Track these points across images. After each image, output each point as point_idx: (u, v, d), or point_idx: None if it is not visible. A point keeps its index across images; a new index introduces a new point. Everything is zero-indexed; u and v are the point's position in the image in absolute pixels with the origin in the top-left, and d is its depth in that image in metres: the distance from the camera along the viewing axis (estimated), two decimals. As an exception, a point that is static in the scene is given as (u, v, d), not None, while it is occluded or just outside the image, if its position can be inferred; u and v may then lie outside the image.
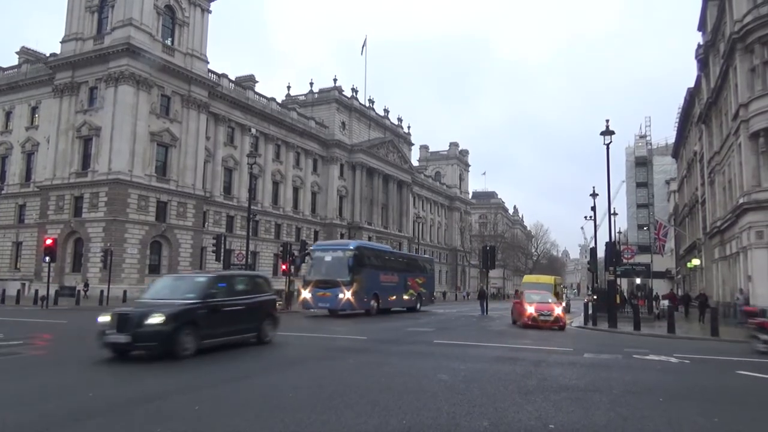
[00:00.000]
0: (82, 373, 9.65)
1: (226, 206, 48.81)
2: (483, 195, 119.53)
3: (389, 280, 28.87)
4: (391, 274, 29.36)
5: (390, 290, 28.82)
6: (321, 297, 25.00)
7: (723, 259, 31.27)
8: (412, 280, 31.84)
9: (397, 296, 29.70)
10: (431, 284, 36.76)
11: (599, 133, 24.70)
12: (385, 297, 28.01)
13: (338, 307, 24.66)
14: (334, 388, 7.94)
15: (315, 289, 25.25)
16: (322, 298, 24.97)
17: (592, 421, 6.32)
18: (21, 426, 5.84)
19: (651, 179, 74.41)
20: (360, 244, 29.08)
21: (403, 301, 30.79)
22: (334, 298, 24.58)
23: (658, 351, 13.77)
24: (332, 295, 24.59)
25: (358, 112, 69.15)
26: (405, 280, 30.91)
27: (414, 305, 31.88)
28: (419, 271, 34.07)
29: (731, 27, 26.79)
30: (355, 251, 25.46)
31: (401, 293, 30.29)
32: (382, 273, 28.10)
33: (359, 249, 26.40)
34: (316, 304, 25.23)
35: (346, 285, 24.42)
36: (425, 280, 34.32)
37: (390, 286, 28.89)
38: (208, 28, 46.27)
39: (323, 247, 27.98)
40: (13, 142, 46.63)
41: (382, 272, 28.12)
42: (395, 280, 29.65)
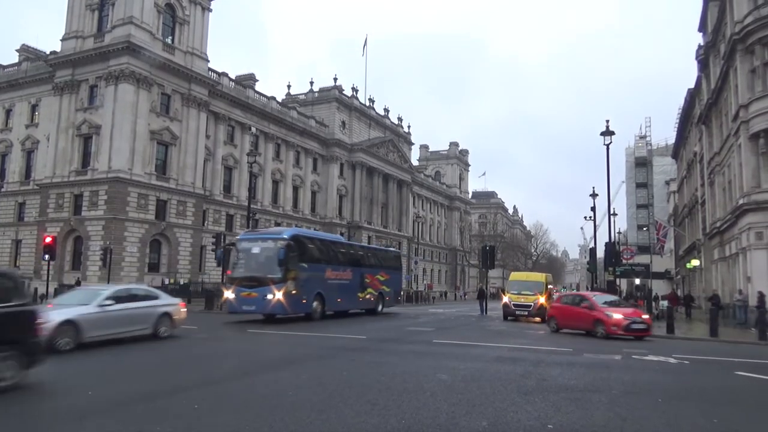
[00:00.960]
0: (82, 372, 9.66)
1: (226, 205, 48.80)
2: (483, 195, 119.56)
3: (339, 277, 23.98)
4: (342, 269, 24.42)
5: (339, 289, 23.87)
6: (246, 298, 19.92)
7: (722, 260, 31.29)
8: (371, 277, 26.91)
9: (349, 296, 24.88)
10: (398, 281, 31.53)
11: (599, 134, 24.74)
12: (333, 297, 23.07)
13: (266, 310, 20.04)
14: (334, 387, 7.95)
15: (239, 288, 20.10)
16: (247, 299, 19.89)
17: (591, 421, 6.33)
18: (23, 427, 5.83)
19: (651, 180, 74.46)
20: (297, 232, 23.57)
21: (359, 301, 26.01)
22: (261, 299, 19.58)
23: (657, 351, 13.78)
24: (259, 295, 19.60)
25: (359, 111, 69.15)
26: (361, 277, 25.93)
27: (374, 306, 27.24)
28: (381, 266, 28.96)
29: (732, 28, 26.80)
30: (289, 241, 20.35)
31: (355, 292, 25.44)
32: (328, 268, 23.23)
33: (295, 238, 21.18)
34: (240, 306, 20.23)
35: (276, 283, 19.40)
36: (389, 276, 29.15)
37: (339, 283, 23.97)
38: (208, 27, 46.24)
39: (250, 237, 22.15)
40: (13, 139, 46.60)
41: (328, 267, 23.28)
42: (347, 277, 24.71)
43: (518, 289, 27.66)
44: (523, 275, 33.24)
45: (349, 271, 24.94)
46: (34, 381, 7.90)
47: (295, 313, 20.74)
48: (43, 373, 8.10)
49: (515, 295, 27.16)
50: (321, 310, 22.03)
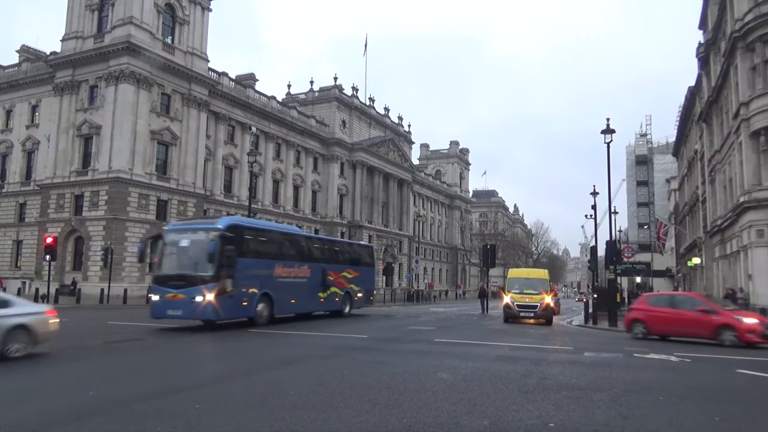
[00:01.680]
0: (82, 371, 9.66)
1: (227, 205, 48.79)
2: (483, 193, 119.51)
3: (292, 274, 20.52)
4: (297, 265, 20.91)
5: (293, 288, 20.44)
6: (171, 301, 16.39)
7: (723, 258, 31.28)
8: (335, 274, 23.57)
9: (306, 296, 21.45)
10: (369, 279, 27.79)
11: (600, 132, 24.70)
12: (284, 298, 19.66)
13: (195, 315, 16.59)
14: (334, 387, 7.94)
15: (163, 289, 16.68)
16: (173, 302, 16.37)
17: (592, 419, 6.32)
18: (22, 424, 5.84)
19: (651, 178, 74.48)
20: (234, 221, 19.23)
21: (319, 302, 22.53)
22: (189, 302, 16.14)
23: (659, 350, 13.78)
24: (187, 297, 16.16)
25: (359, 110, 69.11)
26: (323, 274, 22.51)
27: (339, 307, 23.93)
28: (349, 261, 25.71)
29: (732, 25, 26.77)
30: (224, 232, 16.74)
31: (315, 292, 22.02)
32: (278, 264, 19.67)
33: (233, 228, 17.46)
34: (164, 310, 16.64)
35: (207, 282, 16.02)
36: (359, 274, 25.75)
37: (294, 282, 20.52)
38: (208, 27, 46.24)
39: (179, 227, 18.55)
40: (14, 140, 46.63)
41: (278, 263, 19.70)
42: (304, 274, 21.24)
43: (520, 287, 24.69)
44: (523, 272, 30.95)
45: (307, 268, 21.41)
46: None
47: (232, 317, 17.46)
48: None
49: (518, 294, 24.29)
50: (268, 314, 18.47)
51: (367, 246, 31.61)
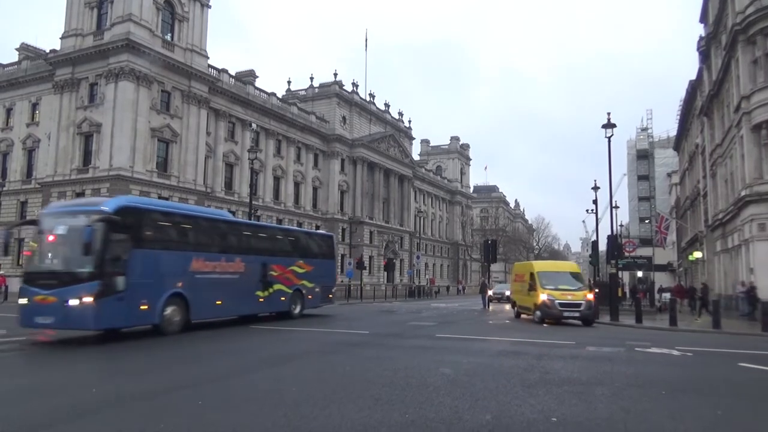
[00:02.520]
0: (83, 368, 9.68)
1: (228, 201, 48.76)
2: (484, 189, 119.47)
3: (218, 269, 16.57)
4: (224, 258, 16.96)
5: (220, 286, 16.60)
6: (41, 305, 12.53)
7: (725, 252, 31.26)
8: (281, 269, 19.71)
9: (239, 296, 17.49)
10: (328, 274, 23.53)
11: (601, 126, 24.64)
12: (205, 298, 15.74)
13: (69, 323, 12.69)
14: (336, 383, 7.96)
15: (32, 290, 12.81)
16: (42, 306, 12.51)
17: (594, 414, 6.33)
18: (25, 422, 5.84)
19: (652, 172, 74.41)
20: (127, 203, 14.51)
21: (257, 303, 18.54)
22: (60, 306, 12.28)
23: (660, 344, 13.78)
24: (59, 300, 12.32)
25: (359, 106, 69.03)
26: (263, 269, 18.65)
27: (286, 308, 20.05)
28: (300, 253, 21.60)
29: (733, 18, 26.68)
30: (111, 216, 12.85)
31: (252, 290, 18.16)
32: (196, 256, 15.73)
33: (125, 212, 13.42)
34: (31, 317, 12.75)
35: (85, 280, 12.30)
36: (313, 267, 21.75)
37: (220, 279, 16.62)
38: (207, 23, 46.15)
39: (56, 211, 14.73)
40: (14, 138, 46.63)
41: (196, 255, 15.75)
42: (235, 269, 17.34)
43: (554, 283, 21.08)
44: (551, 265, 27.35)
45: (240, 261, 17.54)
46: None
47: (124, 325, 13.79)
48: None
49: (555, 290, 20.60)
50: (181, 319, 14.75)
51: (325, 235, 26.34)
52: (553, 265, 26.56)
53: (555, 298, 20.35)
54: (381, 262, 67.93)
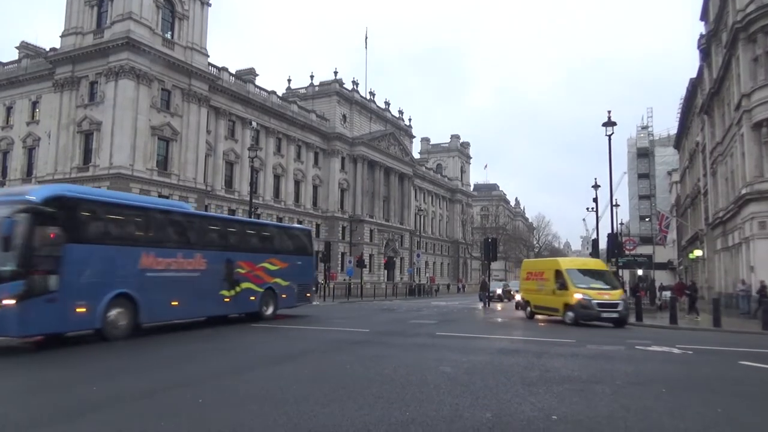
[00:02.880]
0: (82, 366, 9.68)
1: (228, 200, 48.81)
2: (484, 187, 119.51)
3: (173, 266, 14.82)
4: (182, 254, 15.22)
5: (176, 286, 14.86)
6: None
7: (725, 250, 31.26)
8: (249, 266, 18.00)
9: (199, 296, 15.71)
10: (305, 271, 21.61)
11: (601, 124, 24.64)
12: (159, 299, 14.16)
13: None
14: (337, 381, 7.97)
15: None
16: None
17: (594, 412, 6.33)
18: (25, 421, 5.85)
19: (653, 170, 74.41)
20: (59, 192, 12.64)
21: (222, 303, 16.73)
22: None
23: (661, 342, 13.78)
24: None
25: (359, 104, 68.99)
26: (228, 266, 16.95)
27: (256, 309, 18.31)
28: (272, 249, 19.72)
29: (734, 16, 26.65)
30: (39, 206, 11.51)
31: (215, 289, 16.41)
32: (147, 252, 14.03)
33: (56, 202, 11.97)
34: None
35: (8, 280, 10.92)
36: (288, 264, 19.96)
37: (176, 277, 14.88)
38: (208, 22, 46.11)
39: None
40: (14, 137, 46.63)
41: (147, 250, 14.06)
42: (195, 266, 15.59)
43: (586, 281, 19.63)
44: (579, 262, 24.87)
45: (200, 258, 15.81)
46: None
47: (58, 330, 12.11)
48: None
49: (589, 289, 19.05)
50: (129, 322, 13.08)
51: (301, 230, 24.63)
52: (581, 263, 23.84)
53: (591, 298, 18.64)
54: (381, 261, 67.96)
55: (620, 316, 18.85)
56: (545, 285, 21.02)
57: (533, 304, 22.15)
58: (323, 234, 60.59)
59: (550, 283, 20.49)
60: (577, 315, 18.73)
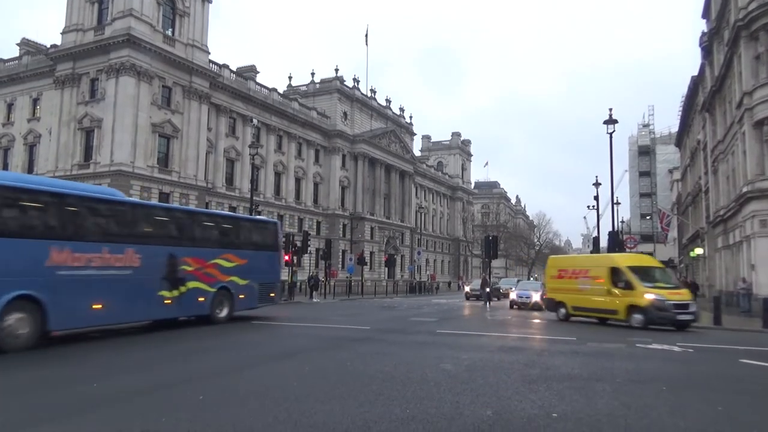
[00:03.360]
0: (81, 365, 9.69)
1: (229, 197, 48.81)
2: (485, 185, 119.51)
3: (95, 263, 12.53)
4: (107, 248, 12.89)
5: (98, 286, 12.58)
6: None
7: (726, 248, 31.24)
8: (198, 262, 15.78)
9: (131, 298, 13.53)
10: (269, 268, 19.25)
11: (602, 122, 24.62)
12: (76, 302, 12.10)
13: None
14: (337, 378, 7.98)
15: None
16: None
17: (595, 409, 6.33)
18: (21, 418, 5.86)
19: (654, 168, 74.33)
20: None
21: (162, 305, 14.50)
22: None
23: (661, 340, 13.78)
24: None
25: (360, 102, 68.93)
26: (169, 263, 14.76)
27: (206, 311, 16.09)
28: (228, 243, 17.52)
29: (736, 14, 26.59)
30: None
31: (152, 290, 14.20)
32: (58, 246, 11.86)
33: None
34: None
35: None
36: (246, 261, 17.66)
37: (99, 276, 12.59)
38: (208, 19, 46.04)
39: None
40: (15, 134, 46.61)
41: (58, 244, 11.89)
42: (126, 263, 13.37)
43: (650, 280, 17.94)
44: (636, 258, 21.17)
45: (132, 253, 13.53)
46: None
47: None
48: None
49: (659, 289, 17.40)
50: (31, 330, 11.08)
51: (265, 222, 21.78)
52: (637, 259, 20.91)
53: (665, 298, 16.98)
54: (382, 258, 67.95)
55: (694, 318, 17.41)
56: (593, 284, 18.99)
57: (570, 306, 19.92)
58: (324, 231, 60.62)
59: (602, 282, 18.53)
60: (649, 318, 16.96)
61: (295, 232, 46.58)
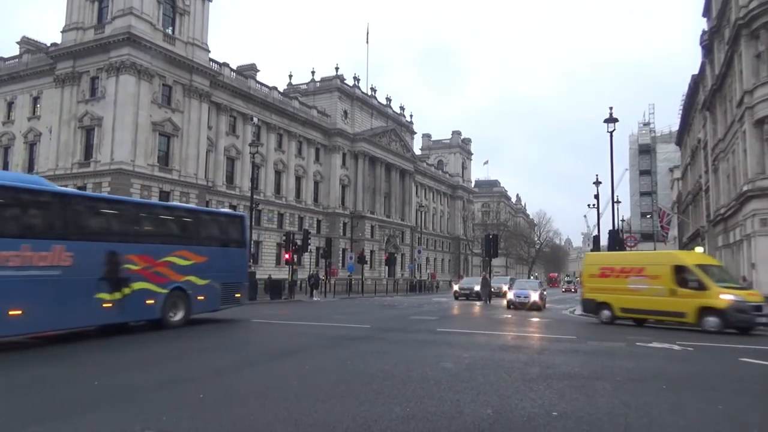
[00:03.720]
0: (79, 363, 9.69)
1: (229, 196, 48.82)
2: (485, 183, 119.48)
3: (14, 263, 10.83)
4: (28, 245, 11.21)
5: (19, 288, 10.86)
6: None
7: (726, 247, 31.24)
8: (147, 260, 13.94)
9: (56, 302, 11.64)
10: (235, 267, 17.37)
11: (603, 121, 24.60)
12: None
13: None
14: (337, 377, 7.98)
15: None
16: None
17: (595, 408, 6.34)
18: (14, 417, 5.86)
19: (654, 167, 74.33)
20: None
21: (99, 310, 12.64)
22: None
23: (661, 338, 13.78)
24: None
25: (360, 100, 68.90)
26: (109, 261, 12.92)
27: (156, 314, 14.19)
28: (185, 239, 15.70)
29: (736, 13, 26.56)
30: None
31: (87, 292, 12.36)
32: None
33: None
34: None
35: None
36: (206, 258, 15.85)
37: (19, 278, 10.89)
38: (209, 17, 46.01)
39: None
40: (15, 132, 46.61)
41: None
42: (54, 262, 11.65)
43: (720, 279, 16.84)
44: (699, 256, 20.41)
45: (61, 250, 11.78)
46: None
47: None
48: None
49: (732, 289, 16.30)
50: None
51: (229, 215, 20.08)
52: (700, 257, 20.01)
53: (744, 299, 15.83)
54: (382, 257, 67.94)
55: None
56: (650, 284, 17.46)
57: (618, 307, 18.22)
58: (324, 230, 60.64)
59: (663, 281, 17.06)
60: (728, 321, 15.65)
61: (296, 231, 46.57)
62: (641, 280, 17.70)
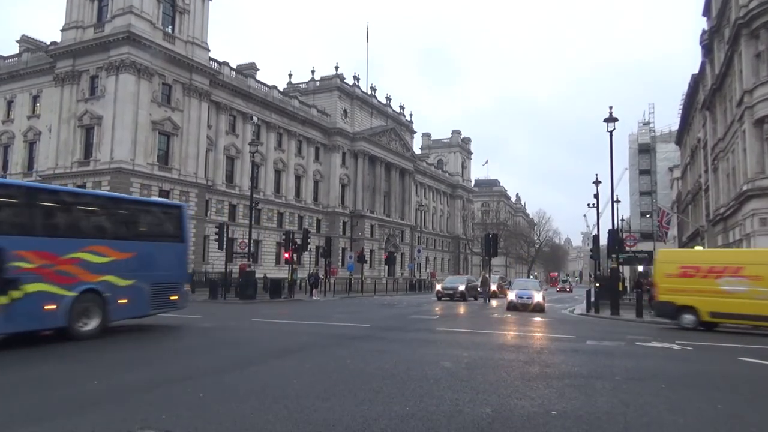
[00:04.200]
0: (78, 362, 9.70)
1: (229, 195, 48.82)
2: (485, 183, 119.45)
3: None
4: None
5: None
6: None
7: (726, 246, 31.24)
8: (47, 257, 11.24)
9: None
10: (172, 264, 14.70)
11: (602, 120, 24.58)
12: None
13: None
14: (337, 376, 7.97)
15: None
16: None
17: (594, 407, 6.34)
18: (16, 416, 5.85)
19: (654, 166, 74.28)
20: None
21: None
22: None
23: (661, 338, 13.80)
24: None
25: (360, 100, 68.88)
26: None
27: (60, 322, 11.42)
28: (103, 231, 13.10)
29: (736, 12, 26.57)
30: None
31: None
32: None
33: None
34: None
35: None
36: (133, 255, 13.28)
37: None
38: (208, 16, 45.99)
39: None
40: (15, 131, 46.62)
41: None
42: None
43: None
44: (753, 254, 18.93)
45: None
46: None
47: None
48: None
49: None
50: None
51: (164, 204, 17.40)
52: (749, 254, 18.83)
53: None
54: (382, 256, 67.96)
55: None
56: (751, 285, 15.70)
57: (707, 311, 16.48)
58: (324, 229, 60.64)
59: (760, 282, 15.50)
60: None
61: (295, 230, 46.56)
62: (739, 281, 15.88)
